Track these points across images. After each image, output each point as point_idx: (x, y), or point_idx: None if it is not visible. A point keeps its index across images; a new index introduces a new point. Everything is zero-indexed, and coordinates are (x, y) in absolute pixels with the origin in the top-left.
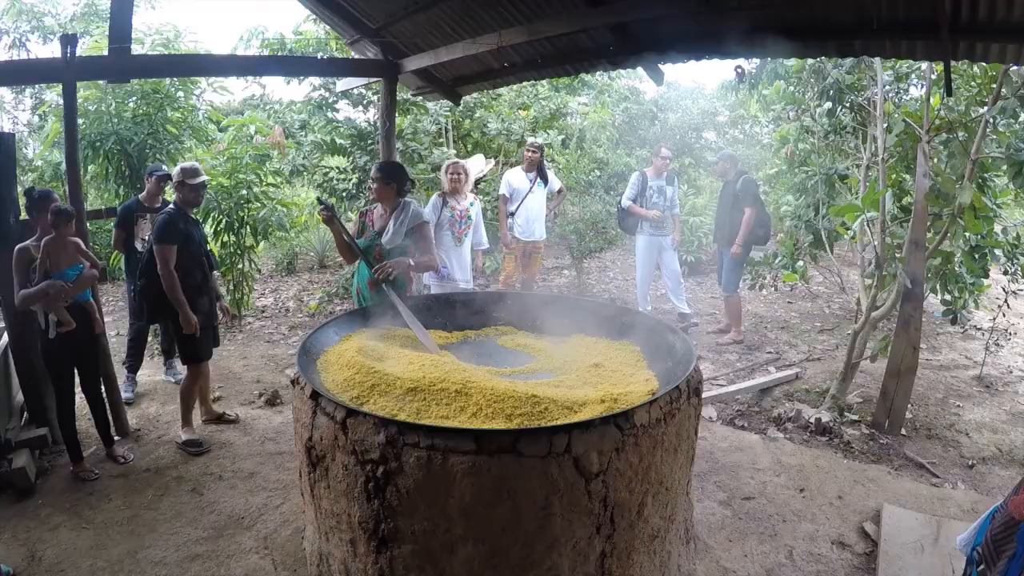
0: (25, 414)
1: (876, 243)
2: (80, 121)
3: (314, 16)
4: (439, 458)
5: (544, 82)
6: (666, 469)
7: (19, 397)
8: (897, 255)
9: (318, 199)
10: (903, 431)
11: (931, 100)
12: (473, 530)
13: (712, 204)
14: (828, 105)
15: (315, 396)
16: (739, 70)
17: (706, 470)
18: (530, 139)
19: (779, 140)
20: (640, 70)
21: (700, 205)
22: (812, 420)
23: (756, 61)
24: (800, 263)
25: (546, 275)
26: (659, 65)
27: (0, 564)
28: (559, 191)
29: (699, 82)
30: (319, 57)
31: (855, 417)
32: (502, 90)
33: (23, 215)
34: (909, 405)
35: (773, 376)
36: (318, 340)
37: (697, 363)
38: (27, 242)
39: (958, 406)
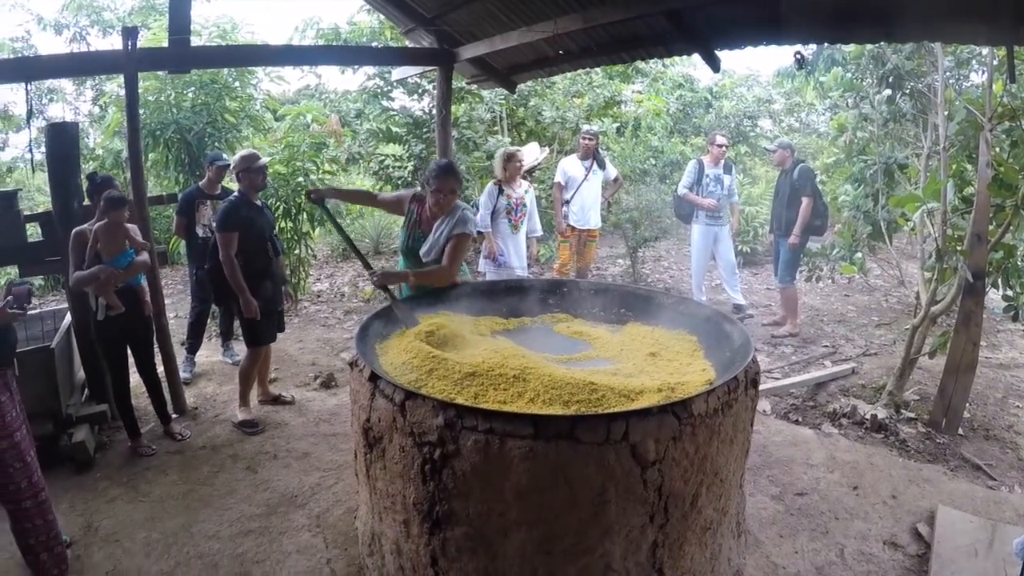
0: (86, 391)
1: (936, 235)
2: (141, 111)
3: (368, 7)
4: (497, 442)
5: (598, 70)
6: (721, 460)
7: (80, 374)
8: (958, 248)
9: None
10: (960, 431)
11: (993, 87)
12: (528, 515)
13: (768, 194)
14: (887, 92)
15: (374, 378)
16: (799, 56)
17: (759, 464)
18: (585, 127)
19: (836, 128)
20: (695, 57)
21: (756, 195)
22: (868, 417)
23: (813, 47)
24: (858, 255)
25: (600, 264)
26: (715, 52)
27: None
28: (615, 179)
29: (754, 69)
30: (375, 46)
31: (912, 415)
32: (556, 78)
33: (86, 201)
34: (967, 404)
35: (829, 370)
36: (376, 324)
37: (755, 354)
38: (84, 226)
39: (1017, 407)
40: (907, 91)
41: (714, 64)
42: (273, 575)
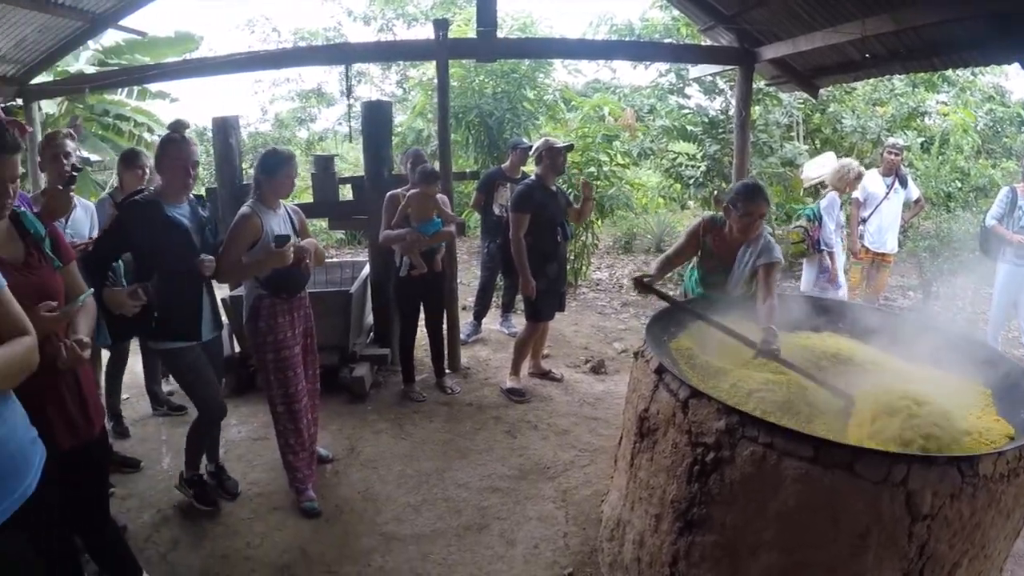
0: (372, 334)
1: None
2: None
3: (661, 3)
4: (774, 457)
5: (900, 76)
6: (993, 533)
7: (369, 319)
8: None
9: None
10: None
11: None
12: (783, 539)
13: None
14: None
15: (660, 371)
16: None
17: (1022, 551)
18: (891, 140)
19: None
20: (1013, 66)
21: None
22: None
23: None
24: None
25: (889, 293)
26: None
27: (320, 448)
28: (916, 201)
29: None
30: (673, 43)
31: None
32: (857, 84)
33: (395, 170)
34: None
35: None
36: (668, 318)
37: None
38: (398, 190)
39: None
40: None
41: None
42: (510, 533)
